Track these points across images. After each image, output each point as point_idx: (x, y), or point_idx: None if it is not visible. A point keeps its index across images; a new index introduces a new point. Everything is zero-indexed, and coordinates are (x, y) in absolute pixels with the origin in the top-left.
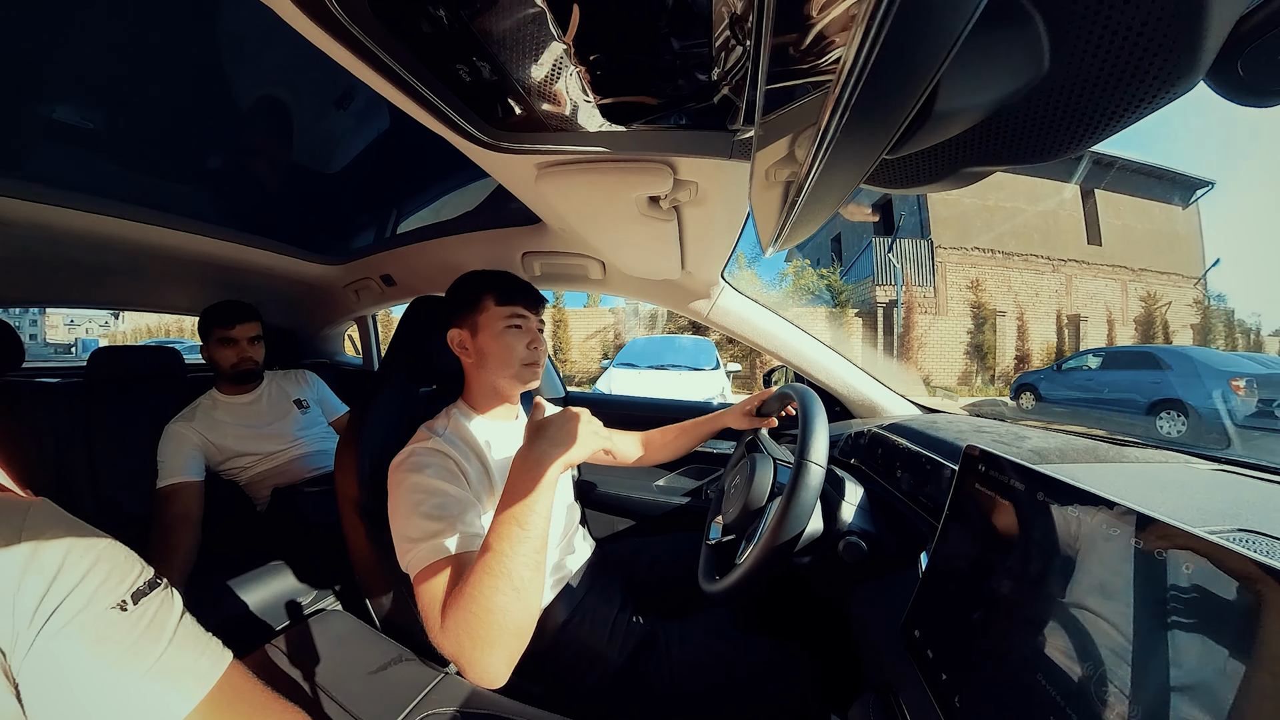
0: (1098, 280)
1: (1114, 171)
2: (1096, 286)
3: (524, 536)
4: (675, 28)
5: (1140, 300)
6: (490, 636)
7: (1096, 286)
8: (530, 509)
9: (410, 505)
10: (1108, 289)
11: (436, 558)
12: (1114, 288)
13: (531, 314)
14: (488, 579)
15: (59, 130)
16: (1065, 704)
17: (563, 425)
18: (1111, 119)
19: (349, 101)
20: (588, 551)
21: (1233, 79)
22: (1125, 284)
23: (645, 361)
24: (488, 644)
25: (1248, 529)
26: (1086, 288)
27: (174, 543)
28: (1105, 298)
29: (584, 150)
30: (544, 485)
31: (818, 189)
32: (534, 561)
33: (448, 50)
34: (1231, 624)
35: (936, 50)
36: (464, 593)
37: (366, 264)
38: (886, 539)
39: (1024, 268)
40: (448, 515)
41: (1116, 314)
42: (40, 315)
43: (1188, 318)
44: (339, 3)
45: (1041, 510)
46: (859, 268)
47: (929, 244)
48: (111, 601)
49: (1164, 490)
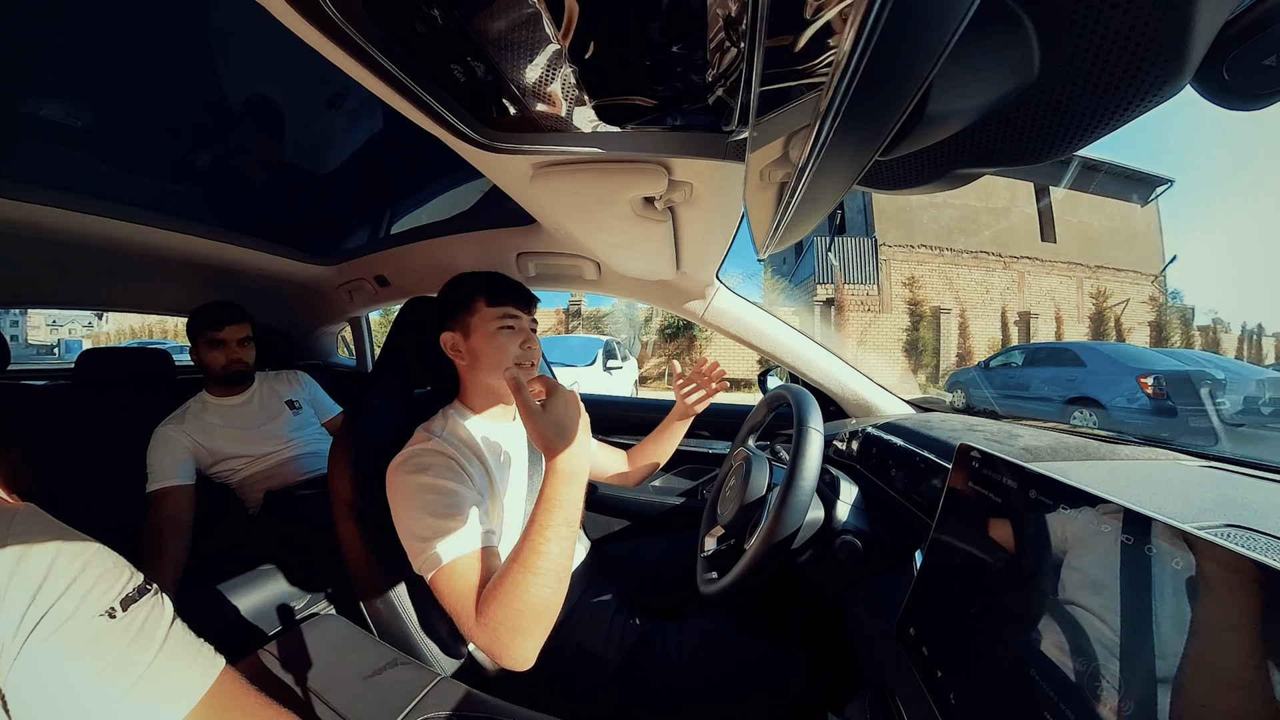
0: (1051, 277)
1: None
2: (1051, 284)
3: (568, 533)
4: (670, 28)
5: (1091, 298)
6: (532, 627)
7: (1051, 284)
8: (575, 504)
9: (419, 506)
10: (1062, 286)
11: (456, 555)
12: (1069, 285)
13: (523, 314)
14: (533, 576)
15: (45, 128)
16: (1059, 699)
17: (569, 411)
18: (1101, 122)
19: (342, 101)
20: (584, 552)
21: (1219, 82)
22: (1081, 281)
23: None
24: (528, 633)
25: (1235, 524)
26: (1040, 285)
27: (164, 547)
28: (1060, 295)
29: (579, 151)
30: (581, 477)
31: (811, 190)
32: (570, 550)
33: (442, 50)
34: (1220, 618)
35: (928, 53)
36: (504, 589)
37: (360, 264)
38: (881, 537)
39: (974, 265)
40: (460, 513)
41: (1072, 311)
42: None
43: (1144, 315)
44: (333, 1)
45: (1034, 508)
46: (803, 267)
47: (873, 242)
48: (100, 609)
49: (1154, 487)
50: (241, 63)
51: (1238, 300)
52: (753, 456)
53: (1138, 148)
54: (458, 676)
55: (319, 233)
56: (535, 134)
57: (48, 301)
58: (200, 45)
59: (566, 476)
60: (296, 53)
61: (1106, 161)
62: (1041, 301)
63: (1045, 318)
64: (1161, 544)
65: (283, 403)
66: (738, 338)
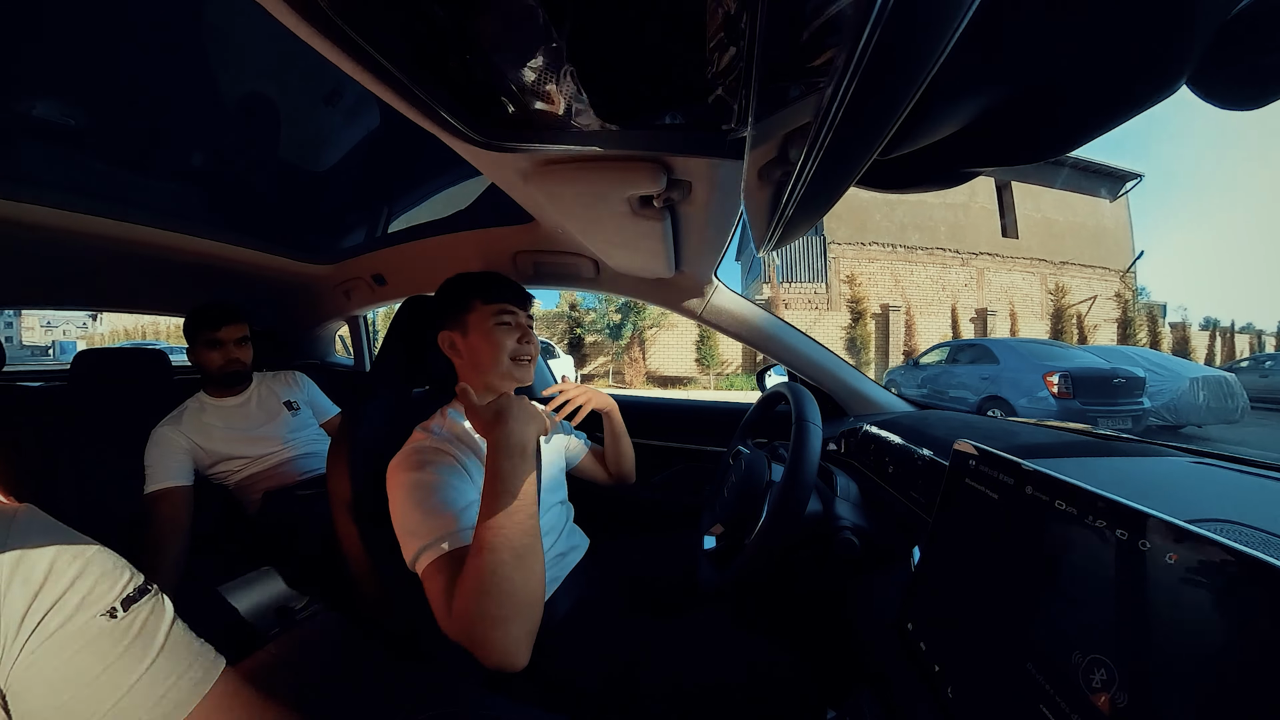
0: (1013, 274)
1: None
2: (1011, 280)
3: (516, 506)
4: (670, 26)
5: (1050, 294)
6: (501, 613)
7: (1011, 280)
8: (516, 478)
9: (413, 502)
10: (1024, 282)
11: (443, 552)
12: (1031, 281)
13: (519, 310)
14: (487, 554)
15: (38, 127)
16: (1056, 694)
17: (525, 406)
18: (1100, 121)
19: (339, 97)
20: (582, 551)
21: (1215, 83)
22: (1044, 277)
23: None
24: (500, 621)
25: (1226, 519)
26: (1001, 281)
27: (162, 549)
28: (1021, 291)
29: (577, 149)
30: (527, 456)
31: (810, 190)
32: (529, 528)
33: (439, 47)
34: (1213, 612)
35: (930, 51)
36: (466, 575)
37: (357, 264)
38: (879, 534)
39: (929, 261)
40: (452, 511)
41: (1035, 308)
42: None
43: (1111, 312)
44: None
45: (1030, 504)
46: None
47: (822, 240)
48: (100, 609)
49: (1148, 483)
50: (237, 60)
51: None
52: (751, 454)
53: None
54: (457, 676)
55: (316, 232)
56: (533, 132)
57: (41, 302)
58: (195, 41)
59: (498, 449)
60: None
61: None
62: (1000, 298)
63: (1003, 315)
64: (1156, 540)
65: (281, 403)
66: (737, 336)
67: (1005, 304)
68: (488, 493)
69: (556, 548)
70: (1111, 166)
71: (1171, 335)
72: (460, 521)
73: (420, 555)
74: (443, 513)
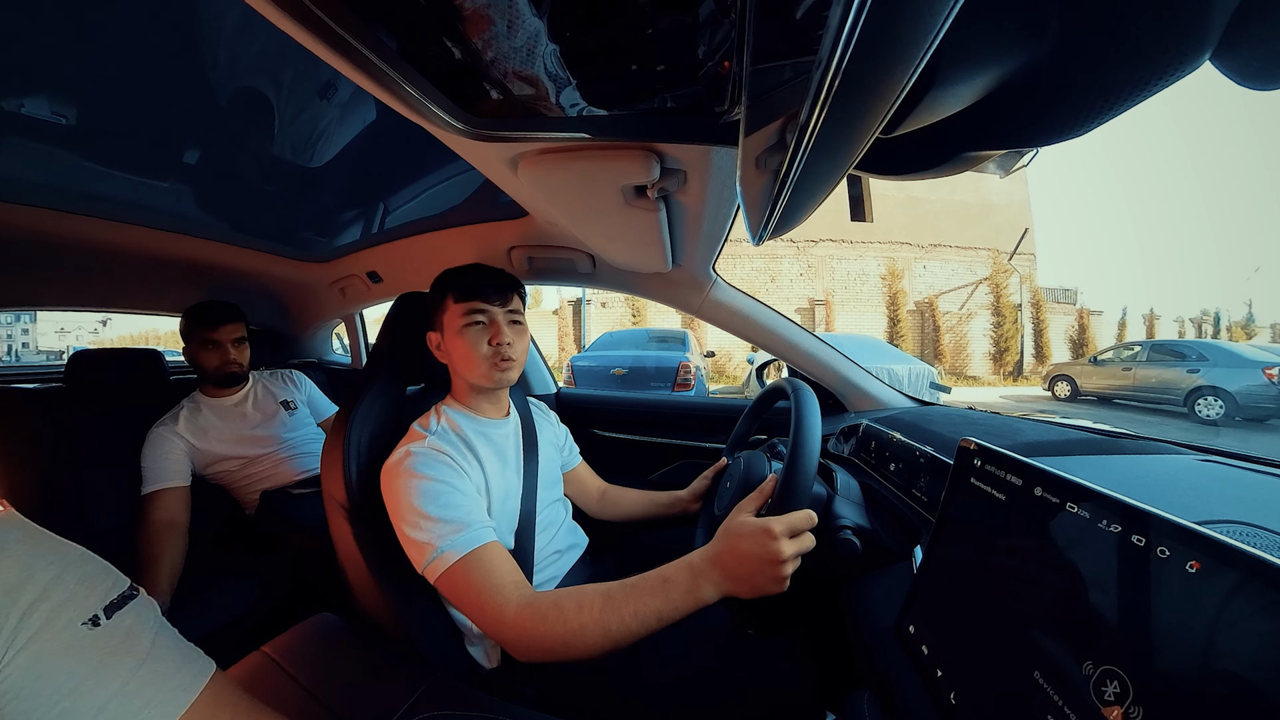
0: (865, 260)
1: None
2: (864, 267)
3: (655, 622)
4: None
5: (881, 277)
6: (558, 656)
7: (864, 267)
8: (675, 614)
9: (419, 505)
10: (878, 269)
11: (463, 554)
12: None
13: (494, 306)
14: (598, 632)
15: (28, 126)
16: (1062, 701)
17: (752, 558)
18: (1117, 99)
19: (333, 91)
20: (580, 549)
21: (1237, 60)
22: (910, 261)
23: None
24: (551, 655)
25: (1235, 520)
26: (850, 269)
27: (160, 550)
28: (875, 278)
29: (565, 137)
30: (696, 604)
31: (807, 173)
32: (635, 633)
33: (417, 31)
34: (1239, 626)
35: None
36: (564, 620)
37: (352, 261)
38: (880, 533)
39: (756, 252)
40: (461, 510)
41: (876, 296)
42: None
43: (982, 298)
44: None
45: (1037, 504)
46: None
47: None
48: (82, 616)
49: (1156, 482)
50: (228, 55)
51: (1110, 280)
52: (750, 451)
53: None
54: (454, 676)
55: (311, 229)
56: (519, 119)
57: (31, 302)
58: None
59: (686, 575)
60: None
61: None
62: (855, 285)
63: (848, 302)
64: (1164, 540)
65: (277, 403)
66: (736, 331)
67: (857, 291)
68: (646, 591)
69: (555, 544)
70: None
71: (1077, 321)
72: (468, 524)
73: (435, 560)
74: (450, 518)
